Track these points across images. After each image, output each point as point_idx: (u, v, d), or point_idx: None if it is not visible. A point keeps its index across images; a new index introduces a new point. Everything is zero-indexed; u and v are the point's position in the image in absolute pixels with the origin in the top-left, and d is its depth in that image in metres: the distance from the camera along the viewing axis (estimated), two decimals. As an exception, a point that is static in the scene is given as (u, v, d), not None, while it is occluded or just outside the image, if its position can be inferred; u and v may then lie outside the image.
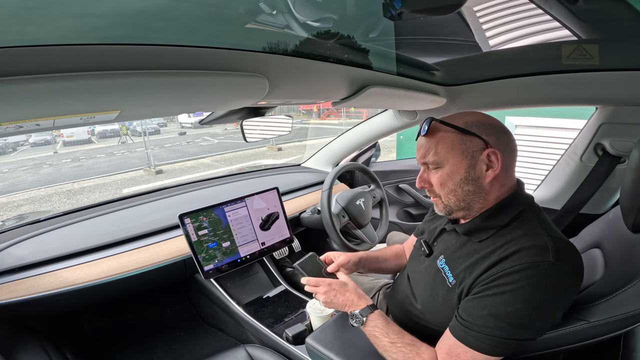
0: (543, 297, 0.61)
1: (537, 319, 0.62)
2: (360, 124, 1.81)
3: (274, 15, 0.62)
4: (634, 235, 0.70)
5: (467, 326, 0.65)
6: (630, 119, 1.16)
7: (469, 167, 0.71)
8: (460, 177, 0.72)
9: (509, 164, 0.72)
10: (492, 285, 0.64)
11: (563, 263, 0.61)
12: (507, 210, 0.71)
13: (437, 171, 0.74)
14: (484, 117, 0.74)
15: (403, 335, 0.74)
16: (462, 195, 0.72)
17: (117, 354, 1.34)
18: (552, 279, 0.61)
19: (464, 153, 0.71)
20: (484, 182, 0.71)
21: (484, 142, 0.70)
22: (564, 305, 0.65)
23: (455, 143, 0.72)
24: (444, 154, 0.72)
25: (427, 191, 0.79)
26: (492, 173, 0.70)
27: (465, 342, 0.65)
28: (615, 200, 1.28)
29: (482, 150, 0.70)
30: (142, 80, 0.48)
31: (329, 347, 0.80)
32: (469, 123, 0.72)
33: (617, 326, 0.63)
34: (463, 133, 0.71)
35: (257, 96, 0.70)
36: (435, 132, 0.74)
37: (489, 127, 0.71)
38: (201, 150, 11.12)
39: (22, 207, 6.14)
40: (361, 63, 0.88)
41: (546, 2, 0.73)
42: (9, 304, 0.93)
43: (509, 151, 0.72)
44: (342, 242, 1.33)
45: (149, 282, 1.17)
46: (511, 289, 0.62)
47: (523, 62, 1.05)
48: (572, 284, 0.64)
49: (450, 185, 0.73)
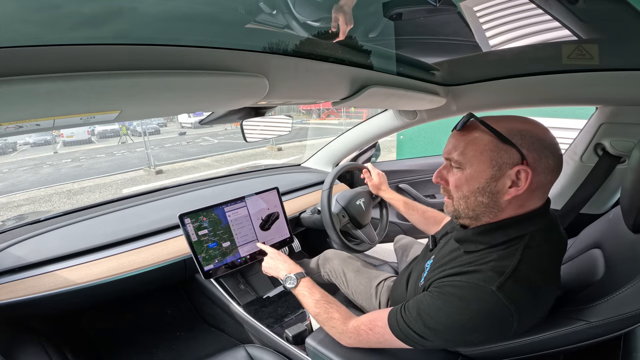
0: (467, 318, 0.62)
1: (450, 333, 0.65)
2: (360, 124, 1.81)
3: (274, 15, 0.62)
4: (635, 236, 0.70)
5: (399, 310, 0.71)
6: (630, 119, 1.16)
7: (490, 178, 0.65)
8: (478, 185, 0.66)
9: (539, 186, 0.64)
10: (437, 288, 0.67)
11: (505, 296, 0.59)
12: (507, 230, 0.66)
13: (458, 172, 0.69)
14: (534, 127, 0.65)
15: (326, 296, 0.87)
16: (473, 205, 0.68)
17: (117, 354, 1.34)
18: (484, 305, 0.61)
19: (492, 162, 0.64)
20: (501, 199, 0.65)
21: (521, 157, 0.62)
22: (487, 334, 0.64)
23: (488, 148, 0.64)
24: (470, 156, 0.66)
25: (441, 189, 0.75)
26: (514, 191, 0.64)
27: (388, 320, 0.72)
28: (615, 200, 1.28)
29: (513, 165, 0.63)
30: (142, 80, 0.48)
31: (329, 347, 0.80)
32: (512, 130, 0.64)
33: (617, 326, 0.63)
34: (501, 140, 0.63)
35: (257, 96, 0.70)
36: (471, 131, 0.67)
37: (535, 141, 0.62)
38: (201, 150, 11.12)
39: (22, 207, 6.14)
40: (361, 63, 0.88)
41: (546, 2, 0.73)
42: (9, 304, 0.93)
43: (546, 172, 0.63)
44: (342, 242, 1.33)
45: (149, 282, 1.17)
46: (445, 299, 0.64)
47: (523, 62, 1.05)
48: (503, 320, 0.61)
49: (464, 190, 0.68)
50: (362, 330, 0.76)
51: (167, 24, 0.51)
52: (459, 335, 0.65)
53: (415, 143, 4.09)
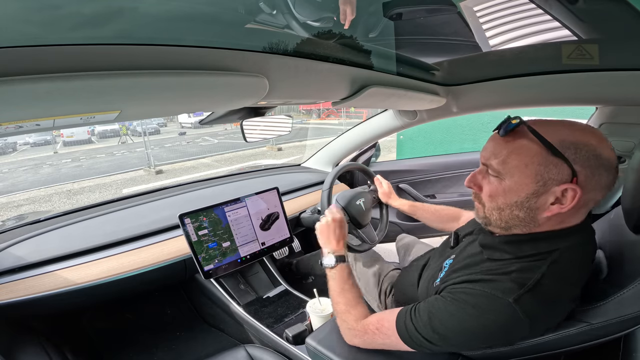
0: (479, 327, 0.59)
1: (459, 339, 0.62)
2: (360, 124, 1.81)
3: (274, 15, 0.62)
4: (636, 236, 0.70)
5: (409, 312, 0.67)
6: (630, 119, 1.17)
7: (532, 194, 0.58)
8: (516, 199, 0.60)
9: (586, 204, 0.59)
10: (450, 294, 0.64)
11: (522, 309, 0.56)
12: (538, 243, 0.61)
13: (495, 180, 0.63)
14: (592, 139, 0.56)
15: (354, 291, 0.82)
16: (507, 217, 0.62)
17: (117, 354, 1.34)
18: (499, 317, 0.58)
19: (537, 176, 0.57)
20: (540, 215, 0.60)
21: (572, 173, 0.55)
22: (496, 342, 0.64)
23: (534, 161, 0.57)
24: (512, 168, 0.59)
25: (473, 194, 0.70)
26: (557, 209, 0.58)
27: (397, 321, 0.68)
28: (615, 200, 1.28)
29: (561, 182, 0.56)
30: (142, 80, 0.48)
31: (329, 347, 0.80)
32: (566, 142, 0.56)
33: (618, 328, 0.62)
34: (551, 153, 0.56)
35: (257, 96, 0.70)
36: (517, 138, 0.59)
37: (590, 157, 0.55)
38: (201, 150, 11.12)
39: (22, 207, 6.14)
40: (361, 63, 0.88)
41: (546, 2, 0.73)
42: (9, 304, 0.93)
43: (597, 190, 0.57)
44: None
45: (149, 282, 1.17)
46: (458, 306, 0.61)
47: (523, 62, 1.05)
48: (516, 331, 0.59)
49: (499, 202, 0.62)
50: (369, 329, 0.73)
51: (167, 24, 0.51)
52: (467, 341, 0.63)
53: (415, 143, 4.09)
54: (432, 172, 2.03)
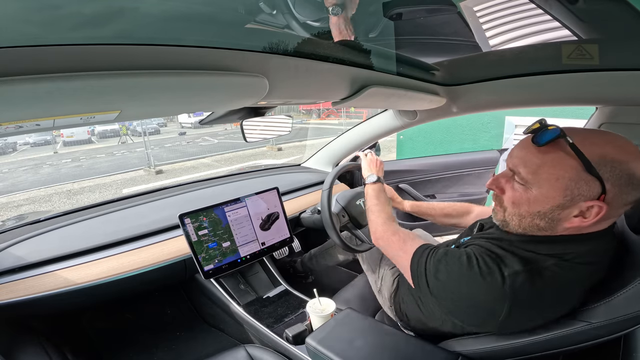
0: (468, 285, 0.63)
1: (449, 294, 0.66)
2: (360, 124, 1.81)
3: (274, 15, 0.62)
4: (636, 237, 0.70)
5: (430, 249, 0.73)
6: (630, 119, 1.16)
7: (557, 207, 0.58)
8: (540, 209, 0.59)
9: (608, 217, 0.58)
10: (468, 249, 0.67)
11: (510, 285, 0.59)
12: (554, 245, 0.62)
13: (520, 188, 0.62)
14: (630, 157, 0.54)
15: (386, 201, 1.02)
16: (526, 225, 0.62)
17: (117, 354, 1.34)
18: (489, 285, 0.61)
19: (566, 191, 0.56)
20: (561, 226, 0.59)
21: (602, 191, 0.54)
22: (476, 312, 0.66)
23: (567, 176, 0.56)
24: (543, 179, 0.58)
25: (493, 196, 0.70)
26: (579, 222, 0.58)
27: (416, 249, 0.75)
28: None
29: (588, 199, 0.55)
30: (142, 80, 0.48)
31: (329, 347, 0.80)
32: (604, 159, 0.54)
33: (618, 327, 0.62)
34: (586, 170, 0.54)
35: (257, 96, 0.70)
36: (553, 150, 0.57)
37: (624, 176, 0.54)
38: (201, 150, 11.12)
39: (22, 207, 6.14)
40: (361, 63, 0.88)
41: (546, 2, 0.73)
42: (9, 304, 0.93)
43: (621, 206, 0.57)
44: (342, 242, 1.33)
45: (149, 282, 1.17)
46: (467, 263, 0.64)
47: (523, 62, 1.05)
48: (496, 304, 0.61)
49: (522, 210, 0.62)
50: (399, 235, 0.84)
51: (167, 24, 0.51)
52: (455, 300, 0.66)
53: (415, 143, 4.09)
54: (432, 172, 2.03)
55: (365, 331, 0.86)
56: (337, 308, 1.00)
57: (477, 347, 0.74)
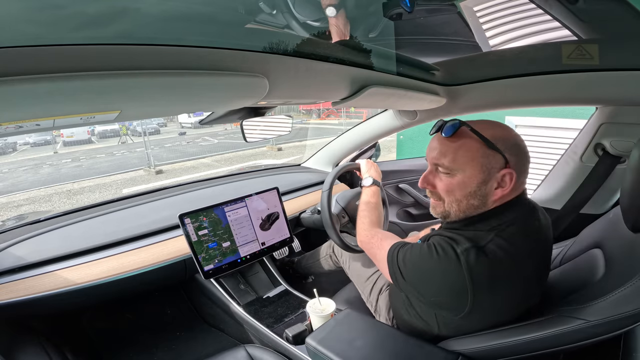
0: (428, 266, 0.71)
1: (414, 275, 0.75)
2: (360, 124, 1.81)
3: (274, 15, 0.62)
4: (634, 235, 0.70)
5: (402, 244, 0.80)
6: (630, 119, 1.16)
7: (481, 182, 0.69)
8: (470, 189, 0.70)
9: (519, 185, 0.72)
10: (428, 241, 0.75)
11: (466, 261, 0.66)
12: (489, 220, 0.72)
13: (447, 177, 0.73)
14: (511, 134, 0.71)
15: (376, 205, 1.07)
16: (465, 208, 0.72)
17: (117, 354, 1.34)
18: (445, 263, 0.69)
19: (482, 167, 0.69)
20: (489, 200, 0.71)
21: (505, 161, 0.68)
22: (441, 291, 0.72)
23: (478, 155, 0.69)
24: (462, 163, 0.70)
25: (428, 192, 0.79)
26: (501, 192, 0.70)
27: (391, 245, 0.83)
28: (615, 200, 1.28)
29: (500, 169, 0.69)
30: (142, 80, 0.48)
31: (329, 347, 0.80)
32: (496, 137, 0.69)
33: (616, 325, 0.62)
34: (488, 146, 0.68)
35: (257, 96, 0.70)
36: (460, 137, 0.71)
37: (513, 146, 0.69)
38: (201, 150, 11.12)
39: (22, 207, 6.14)
40: (361, 63, 0.88)
41: (546, 2, 0.73)
42: (9, 304, 0.93)
43: (523, 172, 0.71)
44: (342, 242, 1.33)
45: (149, 282, 1.17)
46: (429, 249, 0.72)
47: (523, 62, 1.05)
48: (457, 282, 0.68)
49: (457, 195, 0.72)
50: (377, 236, 0.92)
51: (168, 24, 0.51)
52: (422, 281, 0.74)
53: (415, 143, 4.09)
54: (432, 172, 2.03)
55: (365, 331, 0.86)
56: (337, 308, 1.00)
57: (477, 345, 0.75)
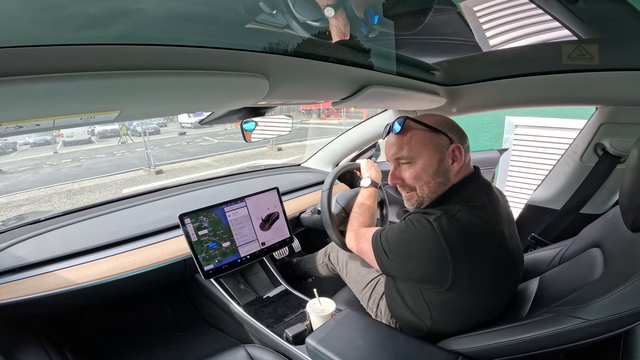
0: (410, 240, 0.78)
1: (396, 253, 0.81)
2: (360, 124, 1.81)
3: (274, 15, 0.62)
4: (633, 234, 0.70)
5: (383, 229, 0.88)
6: (630, 119, 1.16)
7: (439, 161, 0.81)
8: (433, 169, 0.81)
9: (469, 161, 0.86)
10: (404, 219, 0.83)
11: (439, 227, 0.73)
12: (453, 196, 0.81)
13: (410, 166, 0.84)
14: (447, 118, 0.87)
15: (370, 207, 1.09)
16: (434, 187, 0.82)
17: (117, 354, 1.34)
18: (423, 232, 0.75)
19: (435, 148, 0.81)
20: (451, 174, 0.82)
21: (449, 139, 0.82)
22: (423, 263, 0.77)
23: (427, 140, 0.82)
24: (417, 149, 0.82)
25: (399, 187, 0.88)
26: (457, 166, 0.82)
27: (374, 233, 0.89)
28: (615, 200, 1.28)
29: (448, 146, 0.81)
30: (142, 80, 0.48)
31: (329, 347, 0.80)
32: (437, 122, 0.83)
33: (616, 325, 0.62)
34: (432, 131, 0.82)
35: (257, 96, 0.70)
36: (408, 130, 0.84)
37: (452, 127, 0.84)
38: (201, 150, 11.12)
39: (22, 207, 6.14)
40: (361, 63, 0.88)
41: (546, 2, 0.73)
42: (9, 304, 0.93)
43: (466, 148, 0.84)
44: (342, 242, 1.33)
45: (149, 282, 1.17)
46: (406, 225, 0.80)
47: (523, 62, 1.05)
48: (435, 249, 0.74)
49: (424, 177, 0.82)
50: (360, 234, 0.98)
51: (168, 24, 0.51)
52: (403, 256, 0.81)
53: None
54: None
55: (365, 331, 0.86)
56: (337, 308, 1.00)
57: (477, 345, 0.75)
